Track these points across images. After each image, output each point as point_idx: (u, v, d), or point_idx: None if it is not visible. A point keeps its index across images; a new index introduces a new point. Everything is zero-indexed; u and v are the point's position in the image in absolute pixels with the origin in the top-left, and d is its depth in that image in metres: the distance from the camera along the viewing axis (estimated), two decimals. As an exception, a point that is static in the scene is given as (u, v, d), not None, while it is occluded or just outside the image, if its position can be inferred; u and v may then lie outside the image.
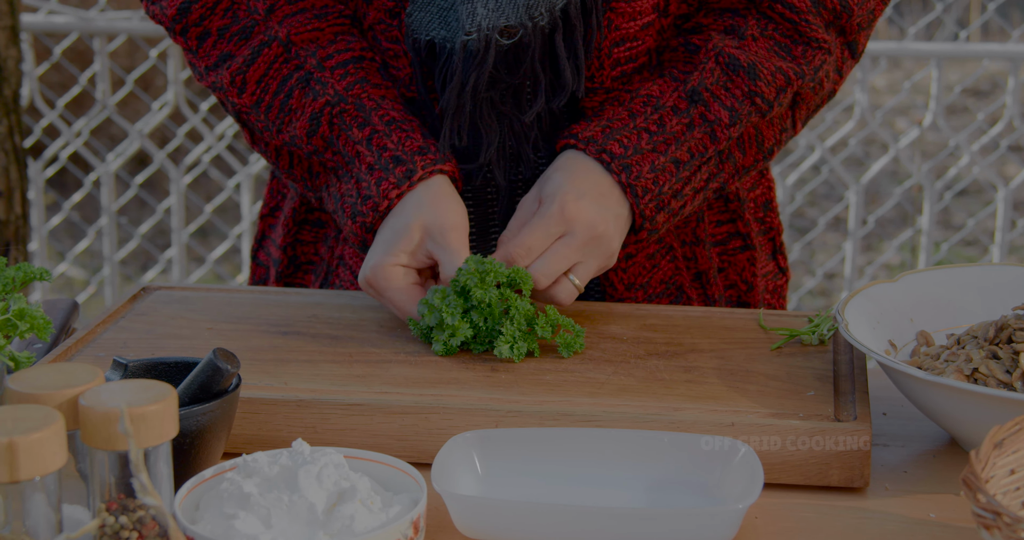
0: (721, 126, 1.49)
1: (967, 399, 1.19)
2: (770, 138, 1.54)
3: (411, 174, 1.45)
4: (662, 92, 1.49)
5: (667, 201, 1.48)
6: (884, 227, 4.98)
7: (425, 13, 1.48)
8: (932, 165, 3.71)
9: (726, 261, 1.66)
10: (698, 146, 1.49)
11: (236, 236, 3.96)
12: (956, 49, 3.66)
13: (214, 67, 1.53)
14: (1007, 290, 1.40)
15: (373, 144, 1.47)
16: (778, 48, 1.51)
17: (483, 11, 1.44)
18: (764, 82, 1.49)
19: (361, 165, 1.47)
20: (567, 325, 1.38)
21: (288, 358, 1.37)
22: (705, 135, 1.49)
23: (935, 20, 5.43)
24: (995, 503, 0.95)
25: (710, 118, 1.49)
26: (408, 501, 1.08)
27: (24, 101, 3.51)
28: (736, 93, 1.49)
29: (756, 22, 1.51)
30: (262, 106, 1.51)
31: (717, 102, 1.49)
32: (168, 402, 0.97)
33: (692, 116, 1.48)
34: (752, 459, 1.14)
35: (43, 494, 0.93)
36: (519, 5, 1.44)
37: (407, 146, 1.47)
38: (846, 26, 1.52)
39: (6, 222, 3.10)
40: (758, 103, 1.49)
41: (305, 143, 1.50)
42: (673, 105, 1.49)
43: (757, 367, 1.35)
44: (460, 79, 1.47)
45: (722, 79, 1.49)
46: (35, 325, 1.27)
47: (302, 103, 1.49)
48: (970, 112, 5.77)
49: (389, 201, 1.45)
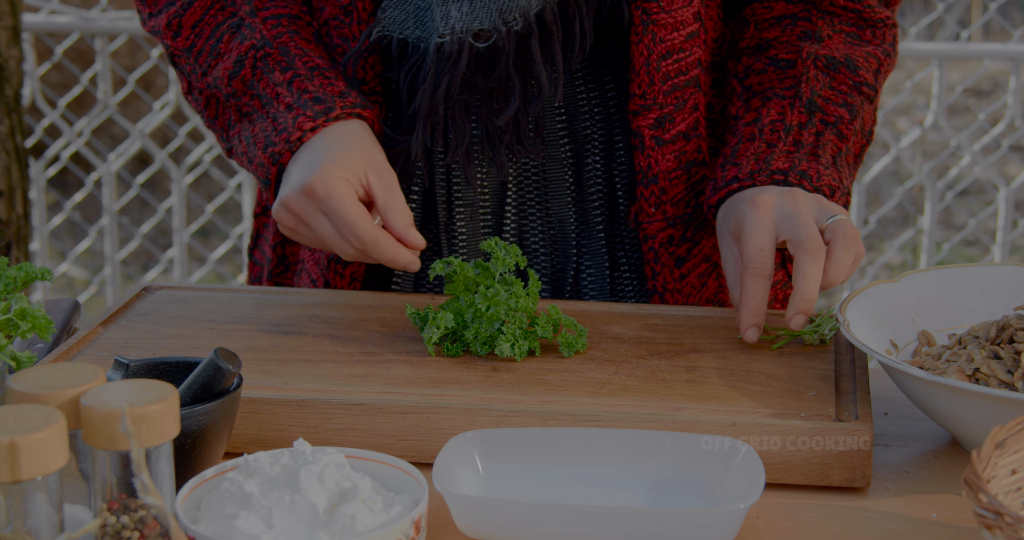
0: (844, 123, 1.52)
1: (968, 399, 1.19)
2: (868, 121, 1.57)
3: (329, 111, 1.44)
4: (781, 113, 1.51)
5: (848, 190, 1.49)
6: (885, 227, 4.98)
7: (400, 11, 1.49)
8: (933, 165, 3.71)
9: None
10: (833, 148, 1.51)
11: (237, 236, 3.96)
12: (957, 49, 3.66)
13: (156, 13, 1.58)
14: (1008, 290, 1.40)
15: (294, 86, 1.48)
16: (852, 39, 1.55)
17: (457, 14, 1.44)
18: (864, 70, 1.53)
19: (279, 105, 1.47)
20: (569, 324, 1.38)
21: (289, 358, 1.37)
22: (834, 136, 1.51)
23: (936, 20, 5.43)
24: (997, 503, 0.95)
25: (831, 120, 1.51)
26: (409, 501, 1.08)
27: (25, 101, 3.52)
28: (843, 88, 1.53)
29: (823, 21, 1.56)
30: (194, 51, 1.54)
31: (831, 103, 1.52)
32: (169, 402, 0.97)
33: (817, 125, 1.51)
34: (753, 459, 1.14)
35: (45, 494, 0.93)
36: (492, 9, 1.44)
37: (328, 90, 1.47)
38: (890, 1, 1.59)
39: (7, 222, 3.10)
40: (865, 91, 1.53)
41: (225, 85, 1.51)
42: (799, 123, 1.51)
43: (758, 367, 1.35)
44: (433, 81, 1.47)
45: (826, 81, 1.53)
46: (36, 325, 1.27)
47: (229, 47, 1.52)
48: (971, 112, 5.77)
49: (302, 132, 1.43)
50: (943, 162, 4.73)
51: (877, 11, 1.56)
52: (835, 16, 1.56)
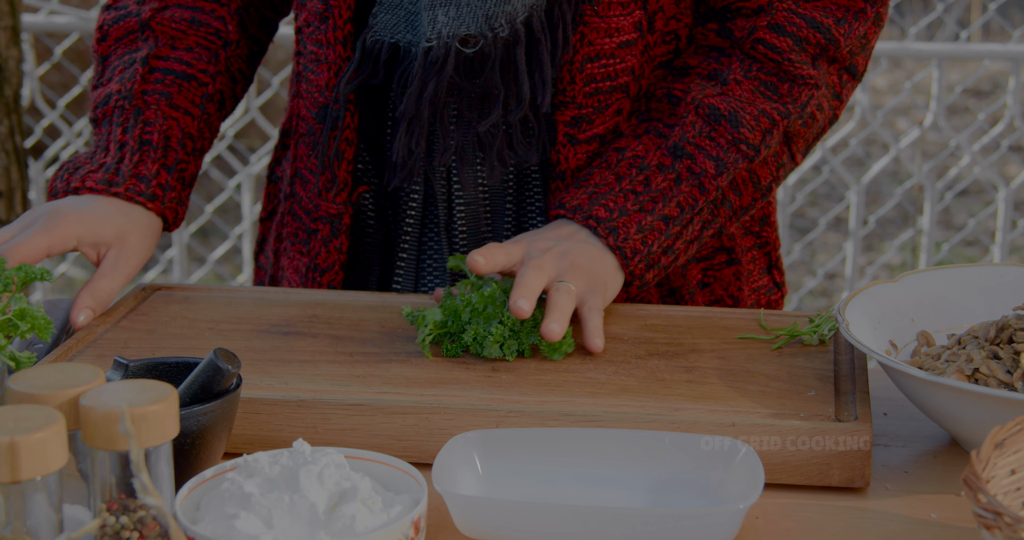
0: (708, 177, 1.49)
1: (968, 399, 1.19)
2: (766, 176, 1.53)
3: (113, 184, 1.53)
4: (647, 150, 1.50)
5: (657, 258, 1.49)
6: (885, 227, 4.98)
7: (392, 15, 1.50)
8: (933, 165, 3.71)
9: (711, 276, 1.65)
10: (687, 199, 1.49)
11: (237, 236, 3.96)
12: (957, 49, 3.66)
13: (107, 7, 1.66)
14: (1008, 290, 1.40)
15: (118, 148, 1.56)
16: (764, 88, 1.50)
17: (443, 19, 1.45)
18: (747, 128, 1.49)
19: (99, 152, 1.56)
20: None
21: (289, 358, 1.37)
22: (693, 188, 1.49)
23: (936, 20, 5.43)
24: (996, 503, 0.95)
25: (696, 170, 1.48)
26: (409, 501, 1.08)
27: (25, 101, 3.52)
28: (721, 142, 1.49)
29: (740, 64, 1.51)
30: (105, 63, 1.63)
31: (702, 153, 1.48)
32: (169, 402, 0.97)
33: (678, 171, 1.48)
34: (753, 459, 1.14)
35: (44, 494, 0.93)
36: (479, 15, 1.44)
37: (137, 170, 1.55)
38: (836, 56, 1.52)
39: (7, 222, 3.10)
40: (743, 149, 1.49)
41: (91, 109, 1.61)
42: (658, 163, 1.49)
43: (758, 367, 1.35)
44: (419, 85, 1.48)
45: (704, 130, 1.49)
46: (36, 325, 1.27)
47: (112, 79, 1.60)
48: (971, 112, 5.77)
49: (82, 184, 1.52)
50: (943, 162, 4.73)
51: (799, 67, 1.49)
52: (755, 62, 1.51)
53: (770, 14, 1.50)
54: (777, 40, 1.49)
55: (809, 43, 1.49)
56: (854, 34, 1.51)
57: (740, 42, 1.51)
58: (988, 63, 3.84)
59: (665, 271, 1.51)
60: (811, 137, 1.55)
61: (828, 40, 1.50)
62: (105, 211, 1.51)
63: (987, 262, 3.71)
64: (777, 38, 1.49)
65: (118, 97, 1.57)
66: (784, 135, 1.52)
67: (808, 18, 1.50)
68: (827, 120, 1.55)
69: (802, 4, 1.50)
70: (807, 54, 1.50)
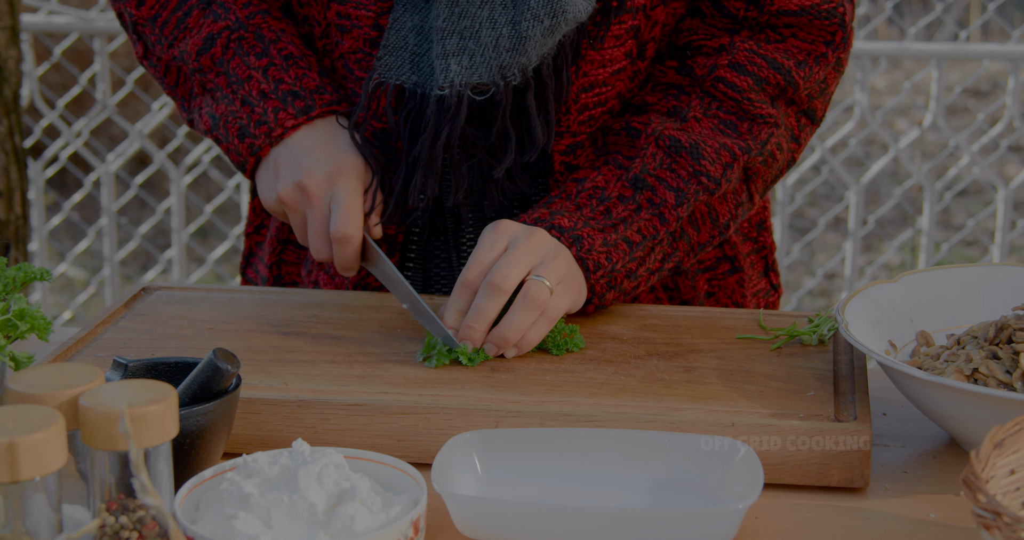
0: (668, 207, 1.47)
1: (967, 399, 1.19)
2: (725, 213, 1.53)
3: (309, 110, 1.50)
4: (607, 181, 1.49)
5: (620, 280, 1.47)
6: (884, 227, 4.98)
7: (396, 57, 1.50)
8: (932, 165, 3.71)
9: (716, 285, 1.65)
10: (648, 227, 1.48)
11: (236, 236, 3.96)
12: (956, 49, 3.66)
13: None
14: (1007, 290, 1.40)
15: (269, 74, 1.52)
16: (723, 126, 1.50)
17: (456, 68, 1.45)
18: (708, 160, 1.48)
19: (251, 89, 1.52)
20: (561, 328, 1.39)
21: (288, 358, 1.37)
22: (654, 217, 1.48)
23: (935, 20, 5.44)
24: (995, 503, 0.95)
25: (656, 201, 1.48)
26: (408, 501, 1.08)
27: (24, 101, 3.51)
28: (681, 173, 1.48)
29: (700, 102, 1.50)
30: (158, 21, 1.56)
31: (663, 184, 1.48)
32: (168, 402, 0.97)
33: (639, 202, 1.48)
34: (752, 459, 1.14)
35: (43, 494, 0.93)
36: (492, 65, 1.44)
37: (304, 83, 1.52)
38: (795, 98, 1.52)
39: (6, 222, 3.10)
40: (704, 182, 1.48)
41: (192, 59, 1.54)
42: (619, 195, 1.48)
43: (757, 367, 1.35)
44: (433, 132, 1.48)
45: (665, 161, 1.48)
46: (35, 325, 1.27)
47: (199, 22, 1.54)
48: (970, 112, 5.77)
49: (283, 129, 1.50)
50: (942, 162, 4.73)
51: (758, 106, 1.49)
52: (715, 100, 1.50)
53: (731, 53, 1.50)
54: (738, 79, 1.49)
55: (769, 83, 1.50)
56: (814, 78, 1.51)
57: (700, 80, 1.50)
58: (987, 63, 3.84)
59: (625, 297, 1.49)
60: (770, 177, 1.54)
61: (788, 82, 1.50)
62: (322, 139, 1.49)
63: (986, 262, 3.72)
64: (737, 77, 1.49)
65: (227, 33, 1.53)
66: (744, 172, 1.51)
67: (769, 59, 1.50)
68: (785, 162, 1.55)
69: (764, 45, 1.50)
70: (766, 94, 1.50)
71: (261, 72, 1.52)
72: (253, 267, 1.75)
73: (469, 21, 1.44)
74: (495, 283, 1.37)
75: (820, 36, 1.50)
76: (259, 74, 1.52)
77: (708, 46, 1.51)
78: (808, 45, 1.50)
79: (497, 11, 1.43)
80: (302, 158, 1.48)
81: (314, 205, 1.47)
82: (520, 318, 1.36)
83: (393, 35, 1.50)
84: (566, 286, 1.41)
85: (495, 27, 1.43)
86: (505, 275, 1.37)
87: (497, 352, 1.37)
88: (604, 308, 1.49)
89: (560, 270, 1.40)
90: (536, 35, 1.42)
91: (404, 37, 1.50)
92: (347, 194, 1.46)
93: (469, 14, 1.44)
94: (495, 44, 1.43)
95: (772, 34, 1.50)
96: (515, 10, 1.42)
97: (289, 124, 1.49)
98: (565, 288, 1.41)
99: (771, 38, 1.50)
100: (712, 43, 1.51)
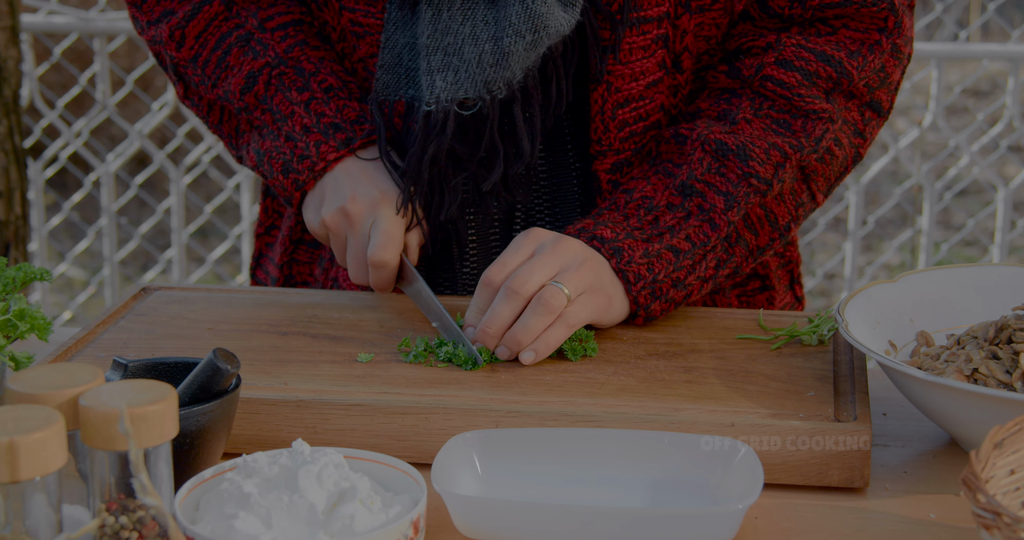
0: (718, 212, 1.46)
1: (967, 399, 1.19)
2: (784, 215, 1.51)
3: (350, 142, 1.52)
4: (655, 191, 1.48)
5: (665, 290, 1.45)
6: (884, 227, 4.98)
7: (392, 75, 1.52)
8: (932, 165, 3.71)
9: (745, 302, 1.65)
10: (698, 234, 1.46)
11: (236, 236, 3.96)
12: (956, 49, 3.66)
13: (155, 22, 1.59)
14: (1007, 290, 1.40)
15: (311, 108, 1.53)
16: (775, 125, 1.48)
17: (442, 84, 1.45)
18: (757, 161, 1.46)
19: (294, 125, 1.53)
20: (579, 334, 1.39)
21: (288, 358, 1.37)
22: (704, 223, 1.46)
23: (935, 20, 5.43)
24: (995, 503, 0.95)
25: (706, 207, 1.46)
26: (408, 501, 1.08)
27: (24, 101, 3.52)
28: (731, 176, 1.46)
29: (750, 103, 1.49)
30: (199, 61, 1.57)
31: (712, 190, 1.46)
32: (168, 402, 0.97)
33: (688, 209, 1.46)
34: (752, 459, 1.14)
35: (43, 494, 0.93)
36: (478, 81, 1.44)
37: (345, 114, 1.53)
38: (852, 90, 1.50)
39: (6, 222, 3.10)
40: (755, 183, 1.47)
41: (237, 99, 1.55)
42: (667, 203, 1.47)
43: (757, 367, 1.35)
44: (420, 147, 1.48)
45: (713, 166, 1.47)
46: (35, 325, 1.27)
47: (240, 60, 1.55)
48: (970, 112, 5.77)
49: (326, 163, 1.52)
50: (942, 162, 4.73)
51: (810, 102, 1.47)
52: (765, 100, 1.49)
53: (778, 50, 1.48)
54: (785, 75, 1.48)
55: (820, 77, 1.48)
56: (869, 67, 1.48)
57: (749, 81, 1.49)
58: (987, 63, 3.84)
59: (675, 306, 1.47)
60: (832, 175, 1.52)
61: (840, 73, 1.48)
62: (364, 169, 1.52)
63: (986, 262, 3.72)
64: (785, 74, 1.48)
65: (268, 70, 1.54)
66: (801, 171, 1.50)
67: (818, 52, 1.48)
68: (848, 158, 1.52)
69: (812, 38, 1.49)
70: (819, 88, 1.48)
71: (303, 107, 1.53)
72: (263, 268, 1.76)
73: (452, 37, 1.44)
74: (513, 288, 1.37)
75: (872, 23, 1.48)
76: (301, 108, 1.53)
77: (756, 46, 1.50)
78: (861, 34, 1.49)
79: (479, 27, 1.43)
80: (348, 184, 1.51)
81: (355, 230, 1.50)
82: (531, 321, 1.36)
83: (387, 53, 1.51)
84: (590, 296, 1.40)
85: (477, 43, 1.44)
86: (524, 281, 1.37)
87: (510, 355, 1.36)
88: (654, 319, 1.47)
89: (584, 279, 1.39)
90: (519, 50, 1.42)
91: (398, 54, 1.51)
92: (387, 221, 1.48)
93: (452, 30, 1.44)
94: (478, 60, 1.43)
95: (823, 27, 1.49)
96: (497, 26, 1.42)
97: (331, 157, 1.52)
98: (589, 298, 1.40)
99: (822, 32, 1.49)
100: (760, 43, 1.50)
